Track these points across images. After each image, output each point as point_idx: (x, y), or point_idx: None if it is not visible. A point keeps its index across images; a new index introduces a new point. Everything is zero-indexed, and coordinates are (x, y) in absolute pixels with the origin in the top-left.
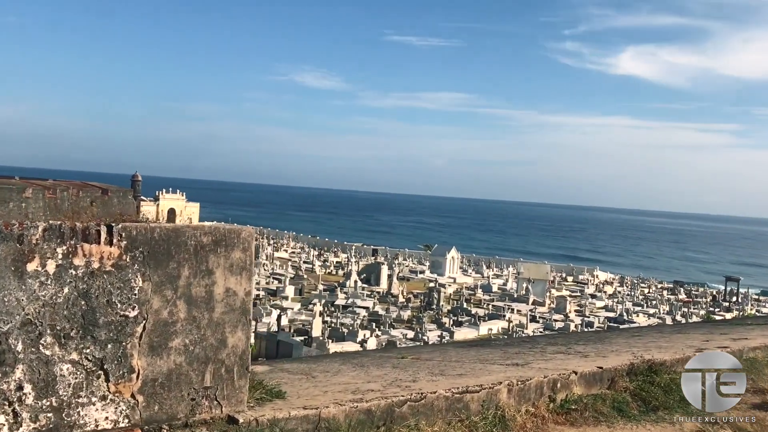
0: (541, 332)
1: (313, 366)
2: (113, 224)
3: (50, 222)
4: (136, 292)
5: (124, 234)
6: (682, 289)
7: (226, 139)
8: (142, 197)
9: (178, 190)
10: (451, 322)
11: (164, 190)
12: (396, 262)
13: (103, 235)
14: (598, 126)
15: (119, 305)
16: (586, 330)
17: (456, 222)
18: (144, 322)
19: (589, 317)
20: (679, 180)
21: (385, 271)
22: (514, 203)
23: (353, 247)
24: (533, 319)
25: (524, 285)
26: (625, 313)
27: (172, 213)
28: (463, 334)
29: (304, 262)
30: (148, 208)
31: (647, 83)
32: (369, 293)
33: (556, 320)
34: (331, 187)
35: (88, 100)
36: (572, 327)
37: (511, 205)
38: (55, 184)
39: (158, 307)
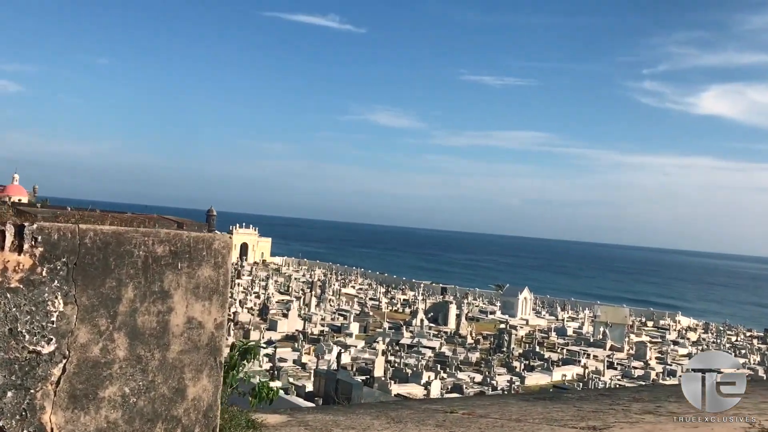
0: (619, 380)
1: (339, 419)
2: (25, 224)
3: None
4: (54, 318)
5: (40, 238)
6: None
7: (298, 176)
8: (216, 231)
9: (251, 225)
10: (523, 367)
11: (238, 225)
12: (465, 301)
13: (8, 239)
14: (679, 167)
15: (27, 336)
16: (675, 383)
17: (529, 262)
18: (64, 361)
19: (671, 365)
20: (763, 222)
21: (453, 310)
22: (590, 244)
23: (421, 285)
24: (610, 366)
25: (601, 329)
26: None
27: (244, 247)
28: (534, 379)
29: (371, 299)
30: None
31: (731, 123)
32: (436, 333)
33: (635, 367)
34: (402, 225)
35: (170, 139)
36: (653, 375)
37: (587, 246)
38: (133, 217)
39: (86, 341)
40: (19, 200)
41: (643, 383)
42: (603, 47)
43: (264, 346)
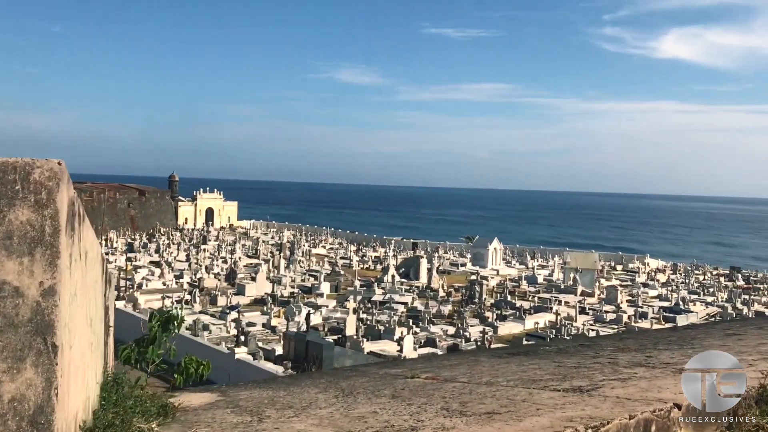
0: (591, 325)
1: (279, 395)
2: None
3: None
4: None
5: None
6: (740, 275)
7: (265, 138)
8: (180, 197)
9: (216, 190)
10: (495, 317)
11: (202, 190)
12: (436, 255)
13: None
14: (643, 111)
15: None
16: (662, 327)
17: (499, 214)
18: None
19: (642, 307)
20: (722, 163)
21: (424, 264)
22: (557, 193)
23: (392, 242)
24: (582, 311)
25: (571, 275)
26: (681, 302)
27: (210, 212)
28: (507, 328)
29: (342, 258)
30: (186, 208)
31: (693, 66)
32: (408, 288)
33: (607, 311)
34: (371, 183)
35: (131, 106)
36: (625, 318)
37: (554, 195)
38: (93, 186)
39: None
40: None
41: (616, 327)
42: None
43: (188, 310)
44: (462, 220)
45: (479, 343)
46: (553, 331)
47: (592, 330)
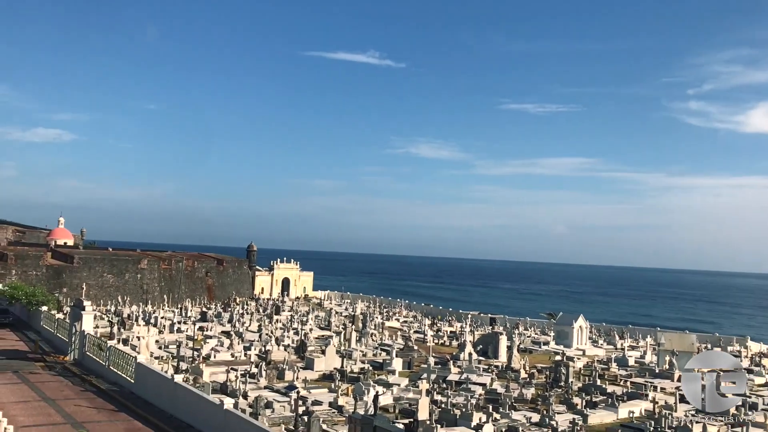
0: (694, 416)
1: None
2: None
3: None
4: None
5: None
6: None
7: (342, 212)
8: (257, 267)
9: (292, 260)
10: (584, 403)
11: (278, 260)
12: (516, 332)
13: None
14: (730, 187)
15: None
16: None
17: (580, 289)
18: None
19: (750, 397)
20: None
21: (503, 342)
22: (640, 269)
23: (469, 316)
24: (682, 399)
25: (666, 358)
26: None
27: (286, 282)
28: (599, 417)
29: (416, 332)
30: (262, 278)
31: None
32: (486, 367)
33: None
34: (448, 256)
35: (216, 181)
36: (732, 410)
37: (637, 272)
38: (171, 255)
39: None
40: (65, 243)
41: (722, 419)
42: (646, 69)
43: (253, 385)
44: (540, 294)
45: None
46: (651, 422)
47: (697, 423)
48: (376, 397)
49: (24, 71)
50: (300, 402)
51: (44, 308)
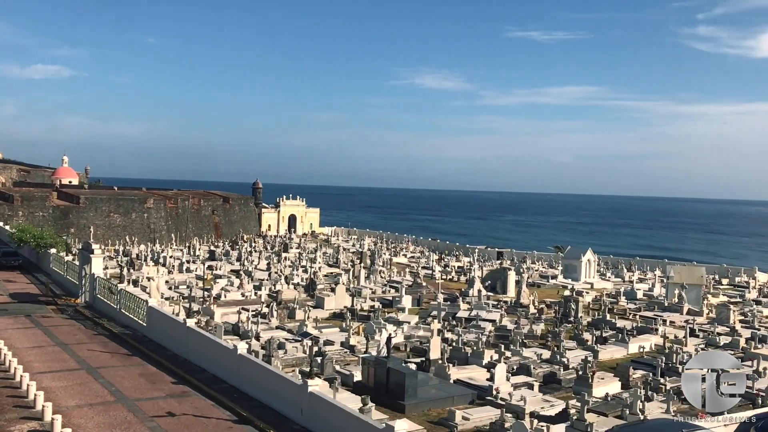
0: (703, 349)
1: None
2: None
3: None
4: None
5: None
6: None
7: (346, 144)
8: (263, 204)
9: (298, 197)
10: (594, 339)
11: (284, 197)
12: (524, 266)
13: None
14: (739, 114)
15: None
16: None
17: (587, 221)
18: None
19: (759, 330)
20: None
21: (512, 277)
22: (648, 198)
23: (476, 250)
24: (692, 333)
25: (675, 291)
26: None
27: (293, 219)
28: (609, 353)
29: (423, 268)
30: (269, 215)
31: None
32: (495, 303)
33: (720, 334)
34: (454, 188)
35: (219, 116)
36: (742, 342)
37: (643, 201)
38: (177, 194)
39: None
40: (69, 182)
41: (732, 352)
42: None
43: (265, 326)
44: (546, 226)
45: (580, 373)
46: (662, 357)
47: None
48: (389, 339)
49: (20, 6)
50: (312, 342)
51: (53, 250)
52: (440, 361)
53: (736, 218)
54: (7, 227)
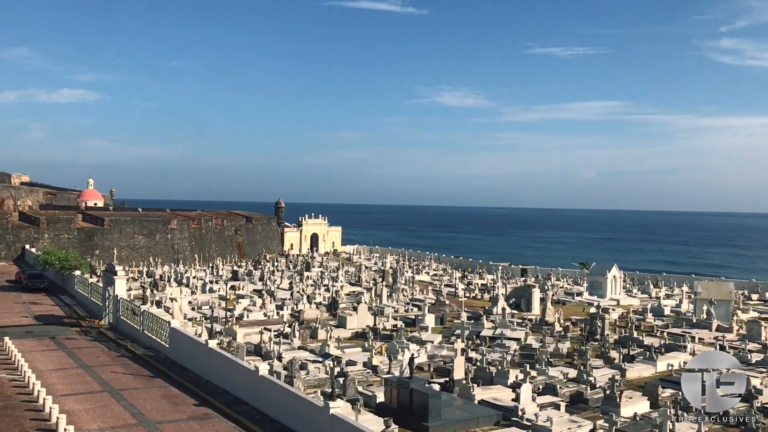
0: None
1: None
2: None
3: None
4: None
5: None
6: None
7: (368, 163)
8: (286, 223)
9: (320, 216)
10: (621, 357)
11: (307, 216)
12: (548, 283)
13: None
14: (765, 126)
15: None
16: None
17: (611, 236)
18: None
19: None
20: None
21: (537, 294)
22: (672, 213)
23: (500, 267)
24: (722, 350)
25: (704, 307)
26: None
27: (315, 237)
28: (637, 371)
29: (446, 286)
30: (291, 234)
31: None
32: (519, 321)
33: (751, 351)
34: (475, 205)
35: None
36: None
37: (668, 216)
38: (201, 214)
39: None
40: (95, 204)
41: (765, 372)
42: (676, 7)
43: (287, 346)
44: (570, 242)
45: (608, 392)
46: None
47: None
48: (411, 359)
49: (46, 33)
50: (334, 363)
51: (77, 272)
52: (464, 382)
53: (759, 232)
54: (33, 249)
